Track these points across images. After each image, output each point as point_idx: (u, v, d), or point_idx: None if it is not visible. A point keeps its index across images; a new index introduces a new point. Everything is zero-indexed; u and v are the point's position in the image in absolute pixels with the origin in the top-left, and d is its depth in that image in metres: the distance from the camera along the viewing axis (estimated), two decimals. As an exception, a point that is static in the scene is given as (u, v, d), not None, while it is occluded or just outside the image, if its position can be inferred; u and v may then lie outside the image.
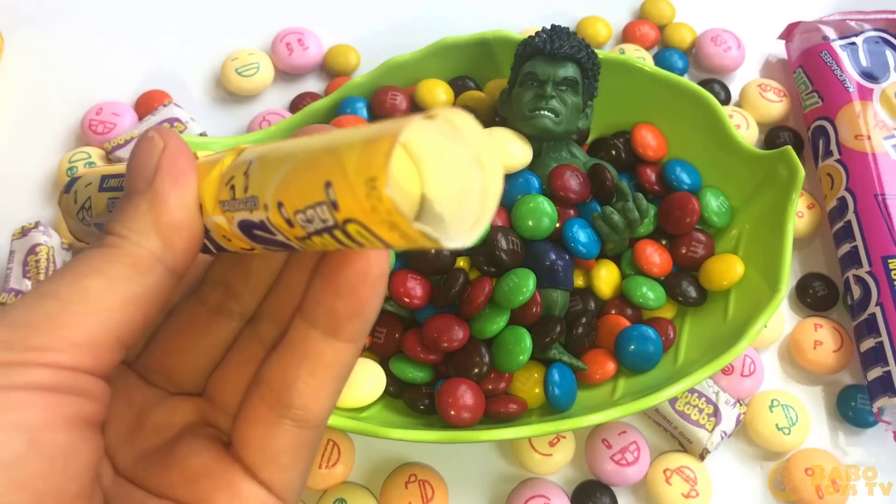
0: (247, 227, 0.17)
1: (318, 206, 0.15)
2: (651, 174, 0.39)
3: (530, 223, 0.35)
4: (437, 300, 0.34)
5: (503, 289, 0.34)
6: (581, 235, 0.35)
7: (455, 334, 0.33)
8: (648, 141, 0.40)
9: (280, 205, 0.16)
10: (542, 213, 0.35)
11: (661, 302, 0.36)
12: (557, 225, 0.36)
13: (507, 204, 0.36)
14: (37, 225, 0.39)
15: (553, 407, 0.34)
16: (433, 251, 0.34)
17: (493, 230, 0.35)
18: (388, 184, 0.13)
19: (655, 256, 0.37)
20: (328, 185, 0.14)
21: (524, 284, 0.33)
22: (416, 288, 0.34)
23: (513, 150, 0.36)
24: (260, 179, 0.16)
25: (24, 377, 0.14)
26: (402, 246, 0.14)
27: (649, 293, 0.36)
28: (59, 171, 0.43)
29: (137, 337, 0.16)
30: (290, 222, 0.16)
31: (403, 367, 0.34)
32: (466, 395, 0.32)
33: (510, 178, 0.37)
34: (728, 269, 0.36)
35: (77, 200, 0.22)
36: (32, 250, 0.38)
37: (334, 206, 0.14)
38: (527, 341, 0.33)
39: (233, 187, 0.17)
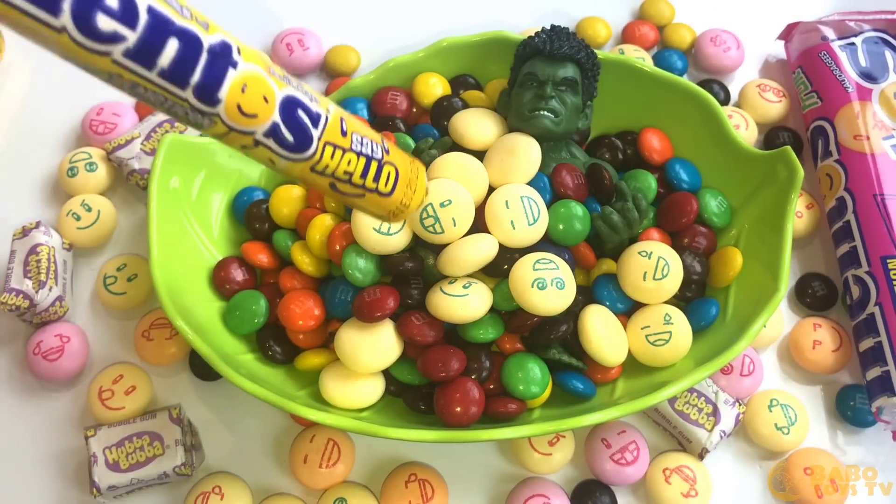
0: (290, 103, 0.21)
1: (374, 142, 0.24)
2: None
3: (561, 227, 0.35)
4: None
5: (497, 295, 0.34)
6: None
7: (451, 365, 0.33)
8: (654, 145, 0.40)
9: (342, 119, 0.23)
10: (573, 217, 0.35)
11: (660, 302, 0.36)
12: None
13: None
14: (37, 225, 0.40)
15: (582, 399, 0.34)
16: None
17: None
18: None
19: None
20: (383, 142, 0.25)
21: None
22: (426, 328, 0.34)
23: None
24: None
25: None
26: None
27: (649, 293, 0.36)
28: (60, 172, 0.43)
29: None
30: (343, 133, 0.23)
31: (403, 369, 0.34)
32: (466, 395, 0.32)
33: None
34: (728, 262, 0.37)
35: None
36: (33, 250, 0.38)
37: (386, 151, 0.25)
38: (543, 377, 0.33)
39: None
